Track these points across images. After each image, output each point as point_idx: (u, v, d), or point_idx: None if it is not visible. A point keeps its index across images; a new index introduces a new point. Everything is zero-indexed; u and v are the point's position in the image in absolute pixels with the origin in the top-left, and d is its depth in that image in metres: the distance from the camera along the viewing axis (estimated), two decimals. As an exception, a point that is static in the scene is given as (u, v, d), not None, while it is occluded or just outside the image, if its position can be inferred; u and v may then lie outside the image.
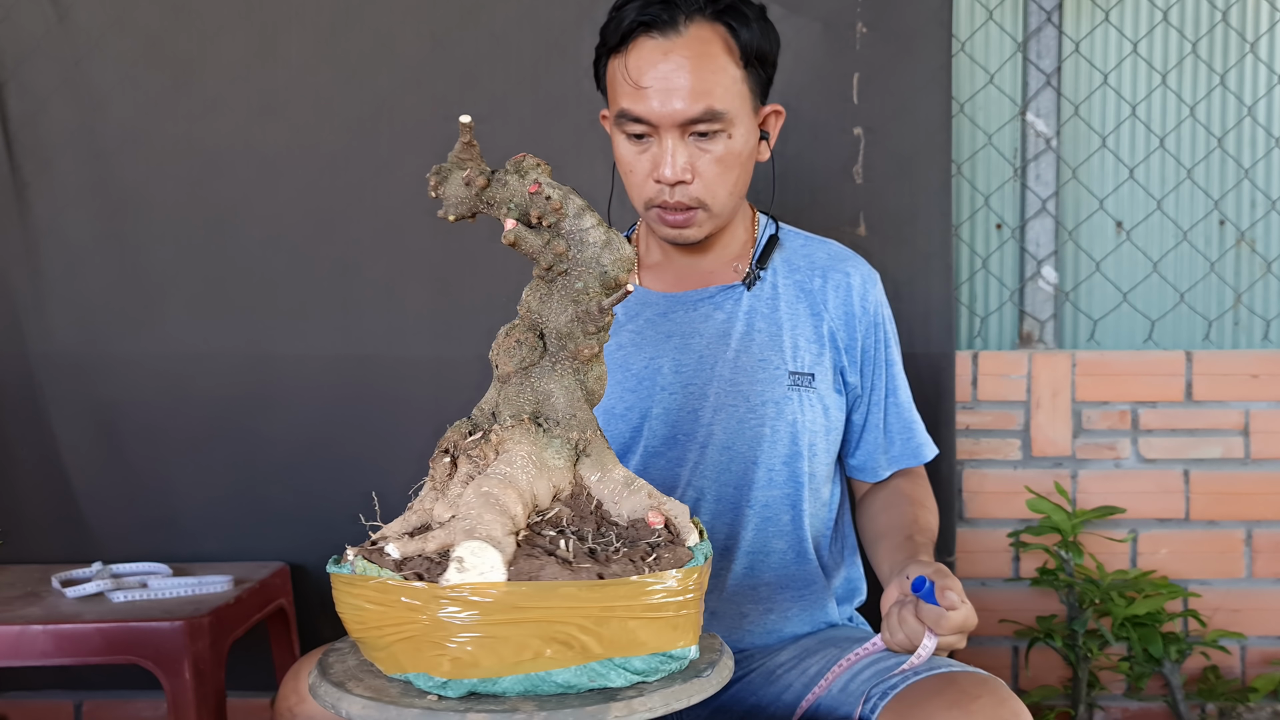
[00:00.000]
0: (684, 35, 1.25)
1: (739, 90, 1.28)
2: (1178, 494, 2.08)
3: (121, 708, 2.10)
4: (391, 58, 1.99)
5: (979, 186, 2.14)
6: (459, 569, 0.82)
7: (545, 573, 0.83)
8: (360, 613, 0.86)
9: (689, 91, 1.24)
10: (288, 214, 2.01)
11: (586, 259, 0.95)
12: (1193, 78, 2.14)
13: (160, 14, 1.98)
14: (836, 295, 1.40)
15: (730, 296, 1.39)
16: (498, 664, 0.83)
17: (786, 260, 1.43)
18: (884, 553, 1.32)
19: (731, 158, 1.30)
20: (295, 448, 2.01)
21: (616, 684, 0.86)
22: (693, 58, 1.25)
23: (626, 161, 1.31)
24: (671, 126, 1.26)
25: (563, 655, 0.83)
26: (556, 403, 0.97)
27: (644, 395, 1.37)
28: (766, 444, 1.35)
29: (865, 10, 1.97)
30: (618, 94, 1.29)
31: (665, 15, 1.24)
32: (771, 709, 1.28)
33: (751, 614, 1.37)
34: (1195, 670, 2.08)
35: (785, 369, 1.36)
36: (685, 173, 1.28)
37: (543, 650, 0.83)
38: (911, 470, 1.47)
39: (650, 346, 1.39)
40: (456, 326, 1.98)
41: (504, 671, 0.83)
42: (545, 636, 0.82)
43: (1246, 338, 2.16)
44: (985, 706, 1.05)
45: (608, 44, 1.30)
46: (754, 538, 1.36)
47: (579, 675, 0.84)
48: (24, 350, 2.00)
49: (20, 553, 2.00)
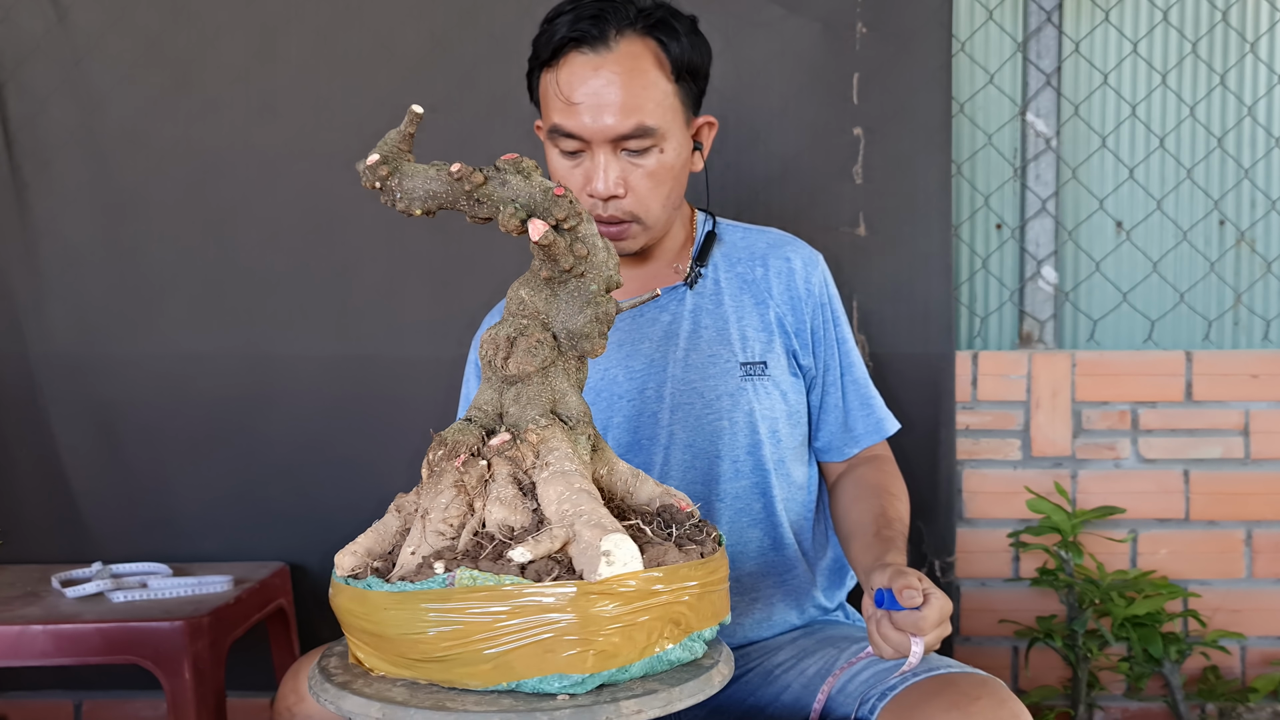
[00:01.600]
0: (614, 51, 1.25)
1: (670, 104, 1.29)
2: (1178, 494, 2.08)
3: (121, 708, 2.10)
4: (391, 58, 1.99)
5: (979, 186, 2.14)
6: (608, 563, 0.83)
7: (669, 557, 0.88)
8: (461, 627, 0.83)
9: (619, 107, 1.25)
10: (287, 215, 2.01)
11: (598, 263, 0.98)
12: (1193, 78, 2.14)
13: (160, 14, 1.99)
14: (779, 281, 1.41)
15: (674, 298, 1.40)
16: (632, 651, 0.86)
17: (726, 254, 1.43)
18: (856, 553, 1.32)
19: (664, 171, 1.30)
20: (295, 448, 2.01)
21: (699, 656, 0.93)
22: (623, 73, 1.25)
23: (560, 175, 1.32)
24: (603, 142, 1.27)
25: (674, 633, 0.89)
26: (570, 401, 1.00)
27: (603, 406, 1.38)
28: (727, 436, 1.36)
29: (865, 10, 1.97)
30: (549, 109, 1.29)
31: (595, 30, 1.24)
32: (770, 709, 1.28)
33: (738, 605, 1.37)
34: (1195, 670, 2.08)
35: (736, 361, 1.37)
36: (618, 187, 1.28)
37: (663, 631, 0.88)
38: (877, 456, 1.46)
39: (602, 358, 1.39)
40: (455, 327, 1.97)
41: (635, 658, 0.86)
42: (666, 618, 0.87)
43: (1246, 338, 2.16)
44: (985, 708, 1.05)
45: (539, 57, 1.30)
46: (728, 530, 1.37)
47: (683, 651, 0.90)
48: (24, 351, 2.01)
49: (20, 553, 2.01)
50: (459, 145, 1.99)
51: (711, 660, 0.93)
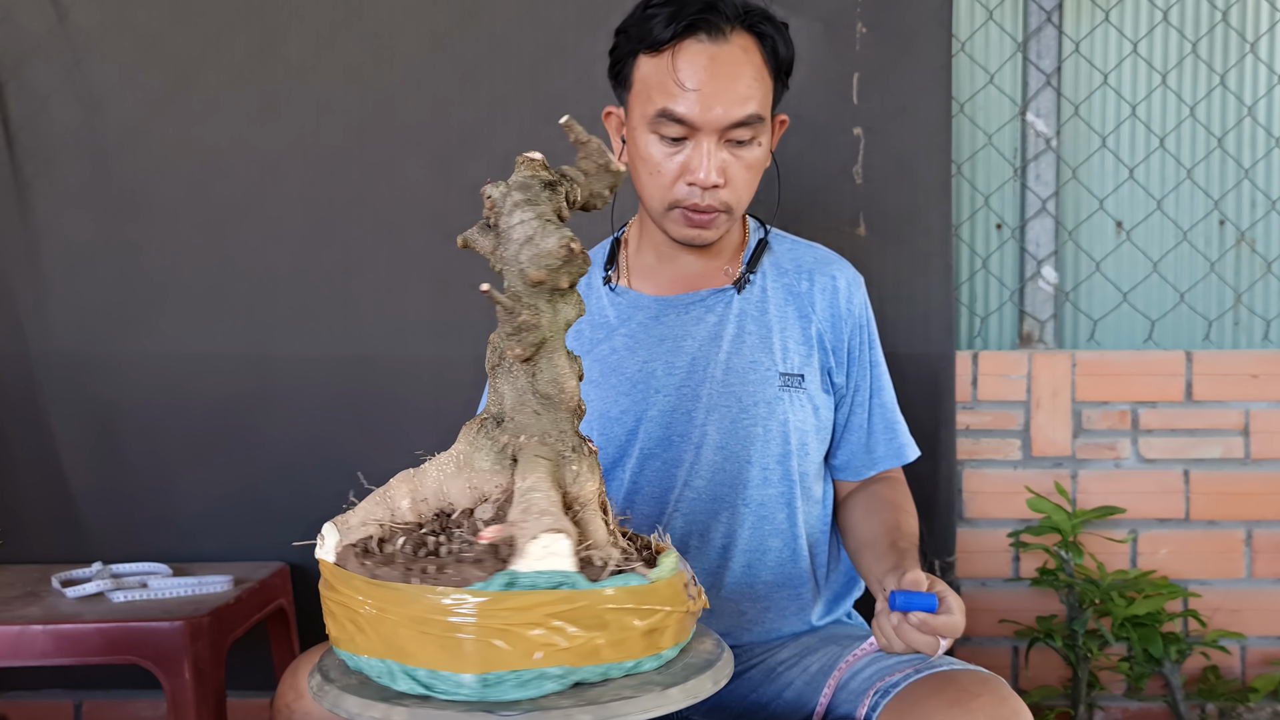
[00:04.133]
0: (730, 42, 1.26)
1: (769, 100, 1.31)
2: (1178, 494, 2.08)
3: (121, 708, 2.10)
4: (391, 58, 1.99)
5: (979, 186, 2.14)
6: (320, 545, 0.94)
7: (349, 563, 0.89)
8: None
9: (735, 97, 1.26)
10: (288, 215, 2.01)
11: (509, 257, 0.93)
12: (1193, 78, 2.14)
13: (160, 14, 1.99)
14: (823, 297, 1.41)
15: (721, 300, 1.40)
16: (340, 640, 0.91)
17: (775, 264, 1.44)
18: (869, 562, 1.31)
19: (758, 164, 1.33)
20: (295, 448, 2.01)
21: (402, 688, 0.85)
22: (737, 64, 1.26)
23: (655, 161, 1.30)
24: (713, 130, 1.27)
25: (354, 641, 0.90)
26: (505, 405, 0.96)
27: (639, 399, 1.38)
28: (760, 443, 1.36)
29: (865, 10, 1.98)
30: (656, 94, 1.28)
31: (714, 19, 1.25)
32: (772, 707, 1.28)
33: (750, 612, 1.37)
34: (1195, 670, 2.08)
35: (776, 370, 1.37)
36: (720, 176, 1.29)
37: (352, 634, 0.89)
38: (889, 474, 1.46)
39: (643, 350, 1.39)
40: (456, 327, 1.98)
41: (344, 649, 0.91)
42: (350, 621, 0.89)
43: (1246, 338, 2.16)
44: (986, 705, 1.05)
45: (644, 41, 1.28)
46: (750, 536, 1.37)
47: (371, 667, 0.88)
48: (24, 350, 2.01)
49: (20, 553, 2.00)
50: (459, 145, 1.99)
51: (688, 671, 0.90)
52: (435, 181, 1.99)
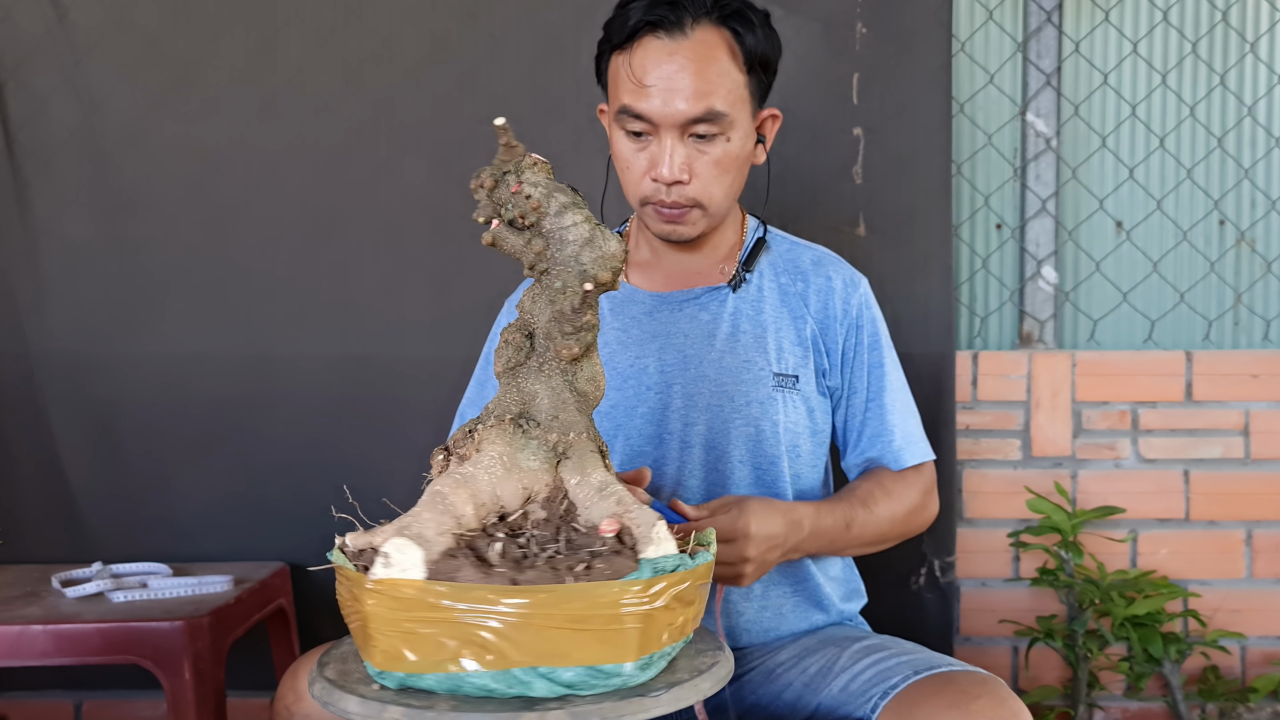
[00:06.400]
0: (690, 37, 1.26)
1: (740, 94, 1.29)
2: (1178, 494, 2.08)
3: (121, 708, 2.10)
4: (391, 58, 1.99)
5: (979, 186, 2.14)
6: (384, 564, 0.83)
7: (461, 574, 0.82)
8: (341, 601, 0.90)
9: (691, 92, 1.25)
10: (287, 214, 2.01)
11: (565, 257, 0.94)
12: (1193, 78, 2.14)
13: (160, 14, 1.99)
14: (818, 298, 1.41)
15: (716, 298, 1.40)
16: (421, 661, 0.83)
17: (772, 263, 1.43)
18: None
19: (728, 160, 1.30)
20: (295, 448, 2.01)
21: (539, 693, 0.83)
22: (697, 60, 1.25)
23: (624, 158, 1.32)
24: (672, 126, 1.27)
25: (479, 658, 0.82)
26: (541, 404, 0.97)
27: (629, 393, 1.38)
28: (750, 444, 1.35)
29: (865, 10, 1.97)
30: (620, 90, 1.29)
31: (672, 16, 1.25)
32: (771, 707, 1.28)
33: (747, 612, 1.37)
34: (1195, 670, 2.08)
35: (770, 370, 1.37)
36: (683, 173, 1.28)
37: (461, 651, 0.82)
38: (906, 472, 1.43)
39: (635, 345, 1.39)
40: (455, 327, 1.97)
41: (427, 669, 0.83)
42: (461, 638, 0.82)
43: (1246, 338, 2.16)
44: (985, 706, 1.05)
45: (612, 40, 1.30)
46: None
47: (497, 680, 0.82)
48: (24, 350, 2.01)
49: (20, 553, 2.00)
50: (459, 145, 1.99)
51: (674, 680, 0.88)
52: (434, 181, 1.98)
